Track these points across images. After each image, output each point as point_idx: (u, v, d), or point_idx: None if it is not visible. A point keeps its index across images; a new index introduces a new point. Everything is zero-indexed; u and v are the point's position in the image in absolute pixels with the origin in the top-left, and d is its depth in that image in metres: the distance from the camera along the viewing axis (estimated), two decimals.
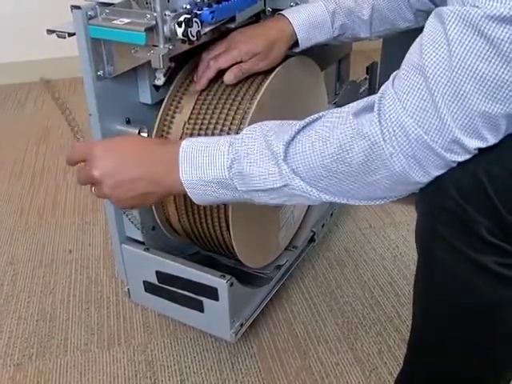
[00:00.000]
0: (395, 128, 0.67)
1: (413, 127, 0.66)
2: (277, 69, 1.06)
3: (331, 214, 1.51)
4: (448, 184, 0.70)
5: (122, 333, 1.28)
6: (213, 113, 1.02)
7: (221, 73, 1.03)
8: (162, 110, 1.04)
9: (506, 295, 0.74)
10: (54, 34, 0.93)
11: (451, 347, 0.81)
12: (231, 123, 1.01)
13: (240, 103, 1.02)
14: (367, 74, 1.61)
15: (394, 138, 0.67)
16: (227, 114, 1.01)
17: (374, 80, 1.60)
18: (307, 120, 0.75)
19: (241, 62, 1.01)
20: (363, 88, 1.57)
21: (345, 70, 1.55)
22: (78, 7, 0.85)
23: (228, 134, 1.00)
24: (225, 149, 0.76)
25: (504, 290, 0.73)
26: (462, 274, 0.73)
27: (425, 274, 0.80)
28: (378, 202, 0.76)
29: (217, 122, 1.01)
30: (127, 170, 0.80)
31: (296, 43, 1.07)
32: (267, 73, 1.05)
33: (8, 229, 1.65)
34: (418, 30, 0.70)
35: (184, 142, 0.79)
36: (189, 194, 0.79)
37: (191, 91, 1.05)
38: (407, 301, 1.34)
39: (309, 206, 1.40)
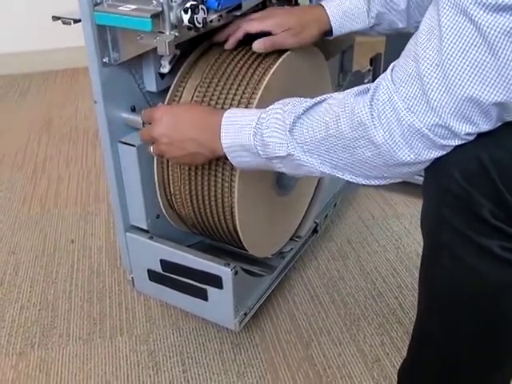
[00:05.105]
0: (386, 108, 0.71)
1: (404, 108, 0.69)
2: (285, 53, 1.06)
3: (334, 205, 1.51)
4: (452, 167, 0.71)
5: (124, 323, 1.28)
6: (218, 98, 1.02)
7: (230, 61, 1.05)
8: (168, 96, 1.04)
9: (509, 280, 0.74)
10: (58, 24, 0.92)
11: (455, 331, 0.81)
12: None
13: (248, 83, 1.02)
14: (371, 65, 1.60)
15: (382, 117, 0.71)
16: (233, 99, 1.01)
17: (378, 71, 1.59)
18: (318, 98, 0.81)
19: (270, 34, 1.04)
20: (367, 80, 1.57)
21: (348, 61, 1.54)
22: None
23: None
24: (254, 120, 0.84)
25: (508, 275, 0.74)
26: (466, 258, 0.74)
27: (429, 258, 0.81)
28: (377, 182, 0.79)
29: (223, 108, 1.01)
30: (181, 132, 0.92)
31: (330, 32, 1.09)
32: (275, 57, 1.05)
33: (10, 218, 1.65)
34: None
35: (226, 113, 0.88)
36: (227, 156, 0.88)
37: (196, 76, 1.05)
38: (410, 292, 1.34)
39: (313, 195, 1.40)
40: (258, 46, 1.03)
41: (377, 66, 1.61)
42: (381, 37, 1.34)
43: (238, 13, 1.00)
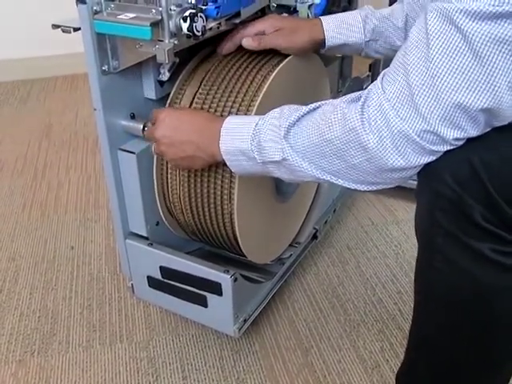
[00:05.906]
0: (377, 114, 0.72)
1: (393, 115, 0.71)
2: (286, 59, 1.07)
3: (334, 211, 1.51)
4: (443, 171, 0.72)
5: (124, 330, 1.28)
6: (217, 105, 1.02)
7: (231, 66, 1.07)
8: (167, 104, 1.05)
9: (502, 282, 0.75)
10: (58, 31, 0.93)
11: (450, 334, 0.82)
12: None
13: (247, 90, 1.02)
14: (370, 71, 1.61)
15: (372, 123, 0.72)
16: (232, 107, 1.01)
17: (377, 77, 1.59)
18: (313, 105, 0.83)
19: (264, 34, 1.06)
20: (366, 85, 1.57)
21: (347, 67, 1.55)
22: (84, 2, 0.85)
23: None
24: (252, 125, 0.86)
25: (500, 278, 0.74)
26: (459, 261, 0.75)
27: (423, 261, 0.81)
28: (369, 188, 0.80)
29: (222, 115, 1.01)
30: (181, 134, 0.94)
31: (324, 42, 1.10)
32: (274, 64, 1.06)
33: (10, 225, 1.65)
34: None
35: (226, 120, 0.90)
36: (225, 161, 0.90)
37: (195, 83, 1.05)
38: (409, 298, 1.34)
39: (312, 201, 1.40)
40: (247, 42, 1.05)
41: (375, 72, 1.61)
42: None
43: (237, 20, 1.00)
